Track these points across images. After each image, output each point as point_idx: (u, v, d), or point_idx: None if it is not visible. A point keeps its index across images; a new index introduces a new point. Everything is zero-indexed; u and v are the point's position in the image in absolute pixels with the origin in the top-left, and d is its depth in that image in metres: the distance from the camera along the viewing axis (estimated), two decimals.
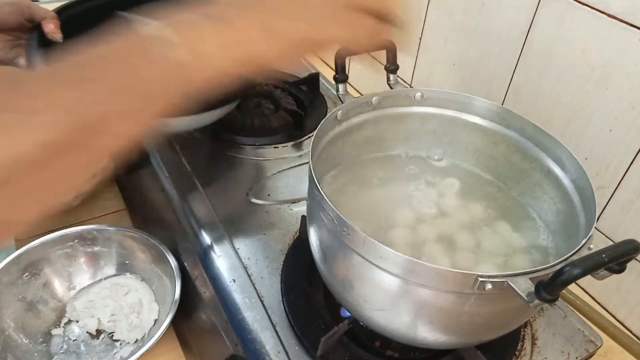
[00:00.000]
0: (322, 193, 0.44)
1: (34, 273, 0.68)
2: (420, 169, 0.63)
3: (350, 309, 0.51)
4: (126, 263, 0.72)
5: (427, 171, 0.62)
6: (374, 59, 0.49)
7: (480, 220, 0.56)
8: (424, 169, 0.63)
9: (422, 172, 0.62)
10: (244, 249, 0.63)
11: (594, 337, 0.59)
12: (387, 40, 0.45)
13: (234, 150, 0.78)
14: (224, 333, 0.57)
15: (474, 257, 0.52)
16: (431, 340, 0.47)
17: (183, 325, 0.65)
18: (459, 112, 0.60)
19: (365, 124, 0.59)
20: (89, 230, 0.70)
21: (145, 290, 0.69)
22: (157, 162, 0.75)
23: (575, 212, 0.50)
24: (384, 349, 0.55)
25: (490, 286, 0.38)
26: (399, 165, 0.63)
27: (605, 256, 0.37)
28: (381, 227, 0.54)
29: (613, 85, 0.64)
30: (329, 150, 0.56)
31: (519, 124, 0.57)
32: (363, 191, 0.59)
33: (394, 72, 0.60)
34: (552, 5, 0.69)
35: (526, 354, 0.56)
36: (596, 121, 0.68)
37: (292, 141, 0.81)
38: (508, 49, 0.77)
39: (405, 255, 0.40)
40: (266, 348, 0.53)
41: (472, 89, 0.86)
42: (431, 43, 0.93)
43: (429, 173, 0.62)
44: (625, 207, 0.68)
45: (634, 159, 0.65)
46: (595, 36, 0.65)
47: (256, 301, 0.57)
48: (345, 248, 0.44)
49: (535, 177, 0.57)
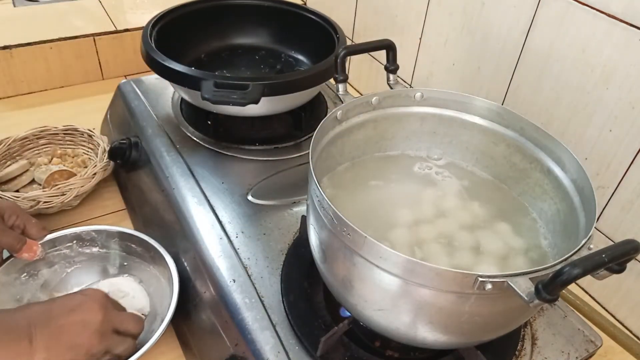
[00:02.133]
0: (322, 193, 0.44)
1: (31, 274, 0.68)
2: (420, 168, 0.63)
3: (350, 309, 0.51)
4: (124, 264, 0.72)
5: (427, 171, 0.62)
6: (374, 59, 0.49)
7: (480, 220, 0.56)
8: (424, 168, 0.63)
9: (422, 172, 0.62)
10: (244, 249, 0.63)
11: (594, 337, 0.59)
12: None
13: (234, 150, 0.78)
14: (224, 333, 0.57)
15: (474, 257, 0.52)
16: (431, 340, 0.47)
17: (183, 325, 0.65)
18: (459, 112, 0.60)
19: (365, 124, 0.59)
20: (87, 231, 0.70)
21: (141, 294, 0.69)
22: (157, 162, 0.75)
23: (575, 212, 0.50)
24: (384, 349, 0.55)
25: (490, 286, 0.39)
26: (399, 165, 0.63)
27: (605, 256, 0.37)
28: (381, 227, 0.54)
29: (613, 85, 0.64)
30: (329, 150, 0.56)
31: (519, 124, 0.57)
32: (363, 191, 0.59)
33: (394, 72, 0.60)
34: (552, 5, 0.69)
35: (526, 354, 0.56)
36: (596, 121, 0.68)
37: (292, 141, 0.81)
38: (508, 48, 0.77)
39: (405, 255, 0.40)
40: (266, 348, 0.53)
41: (472, 89, 0.86)
42: (431, 43, 0.93)
43: (429, 173, 0.62)
44: (625, 207, 0.68)
45: (634, 159, 0.65)
46: (595, 36, 0.65)
47: (256, 301, 0.57)
48: (345, 248, 0.44)
49: (535, 177, 0.57)
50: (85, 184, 0.79)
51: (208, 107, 0.75)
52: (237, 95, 0.67)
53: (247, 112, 0.75)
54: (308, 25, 0.90)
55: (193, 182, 0.71)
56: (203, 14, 0.91)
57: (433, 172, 0.62)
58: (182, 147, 0.77)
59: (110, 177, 0.87)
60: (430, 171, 0.63)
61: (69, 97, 1.11)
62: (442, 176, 0.62)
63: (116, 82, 0.93)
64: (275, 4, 0.93)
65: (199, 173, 0.73)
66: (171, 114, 0.84)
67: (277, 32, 0.96)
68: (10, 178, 0.83)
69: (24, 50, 1.05)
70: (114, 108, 0.94)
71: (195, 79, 0.70)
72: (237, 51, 0.95)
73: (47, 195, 0.75)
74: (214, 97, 0.67)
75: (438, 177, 0.62)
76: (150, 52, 0.75)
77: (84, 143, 0.90)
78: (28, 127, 0.88)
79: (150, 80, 0.91)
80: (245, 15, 0.94)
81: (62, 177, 0.82)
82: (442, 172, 0.62)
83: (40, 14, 1.19)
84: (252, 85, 0.68)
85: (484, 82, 0.84)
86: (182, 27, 0.87)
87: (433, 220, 0.56)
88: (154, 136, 0.79)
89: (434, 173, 0.62)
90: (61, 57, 1.10)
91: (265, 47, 0.96)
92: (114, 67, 1.17)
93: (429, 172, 0.62)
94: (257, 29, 0.96)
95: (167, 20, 0.85)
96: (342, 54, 0.56)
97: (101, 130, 0.97)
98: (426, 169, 0.63)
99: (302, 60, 0.94)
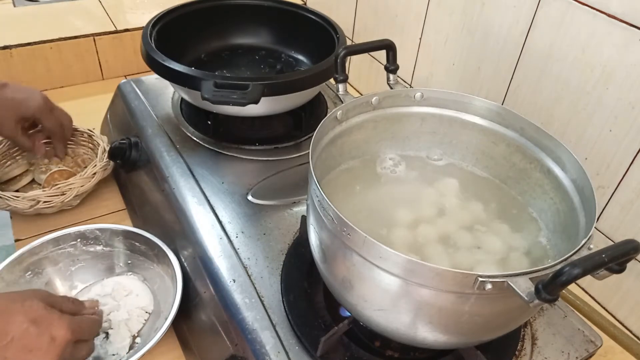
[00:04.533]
0: (322, 193, 0.44)
1: (36, 272, 0.68)
2: (420, 168, 0.63)
3: (350, 309, 0.51)
4: (128, 263, 0.72)
5: (427, 171, 0.62)
6: (374, 59, 0.49)
7: (480, 220, 0.56)
8: (423, 168, 0.63)
9: (422, 172, 0.62)
10: (244, 249, 0.63)
11: (594, 337, 0.59)
12: None
13: (234, 150, 0.78)
14: (224, 333, 0.57)
15: (474, 257, 0.52)
16: (431, 340, 0.47)
17: (183, 325, 0.65)
18: (459, 112, 0.60)
19: (365, 124, 0.59)
20: (91, 229, 0.71)
21: (145, 292, 0.69)
22: (157, 162, 0.75)
23: (575, 212, 0.50)
24: (384, 349, 0.55)
25: (490, 286, 0.39)
26: (398, 165, 0.63)
27: (605, 256, 0.37)
28: (381, 227, 0.54)
29: (613, 85, 0.64)
30: (329, 150, 0.56)
31: (518, 124, 0.57)
32: (363, 191, 0.59)
33: (394, 72, 0.60)
34: (552, 5, 0.69)
35: (526, 354, 0.56)
36: (596, 121, 0.68)
37: (292, 141, 0.81)
38: (508, 48, 0.77)
39: (405, 255, 0.40)
40: (266, 348, 0.53)
41: (472, 89, 0.86)
42: (431, 43, 0.93)
43: (429, 173, 0.62)
44: (625, 207, 0.68)
45: (634, 159, 0.65)
46: (595, 36, 0.65)
47: (256, 301, 0.57)
48: (345, 248, 0.44)
49: (535, 177, 0.57)
50: (85, 184, 0.79)
51: (208, 107, 0.75)
52: (237, 95, 0.67)
53: (247, 112, 0.75)
54: (308, 25, 0.90)
55: (193, 182, 0.71)
56: (203, 14, 0.91)
57: (433, 172, 0.62)
58: (182, 147, 0.77)
59: (110, 177, 0.87)
60: (430, 171, 0.63)
61: (69, 97, 1.11)
62: (442, 176, 0.62)
63: (116, 82, 0.93)
64: (275, 4, 0.93)
65: (199, 173, 0.73)
66: (171, 114, 0.84)
67: (277, 32, 0.96)
68: (10, 178, 0.83)
69: (24, 50, 1.05)
70: (114, 108, 0.94)
71: (195, 79, 0.70)
72: (237, 51, 0.95)
73: (47, 195, 0.75)
74: (214, 97, 0.67)
75: (438, 177, 0.62)
76: (150, 52, 0.75)
77: (84, 143, 0.90)
78: None
79: (150, 80, 0.91)
80: (245, 15, 0.94)
81: (62, 177, 0.82)
82: (442, 172, 0.62)
83: (40, 14, 1.19)
84: (252, 85, 0.68)
85: (483, 82, 0.84)
86: (182, 27, 0.87)
87: (433, 220, 0.56)
88: (154, 136, 0.79)
89: (434, 173, 0.62)
90: (61, 57, 1.10)
91: (265, 47, 0.96)
92: (114, 67, 1.17)
93: (429, 172, 0.62)
94: (257, 29, 0.96)
95: (167, 20, 0.85)
96: (342, 54, 0.56)
97: (101, 130, 0.97)
98: (426, 169, 0.63)
99: (302, 60, 0.94)
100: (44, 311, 0.51)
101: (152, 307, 0.68)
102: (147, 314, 0.67)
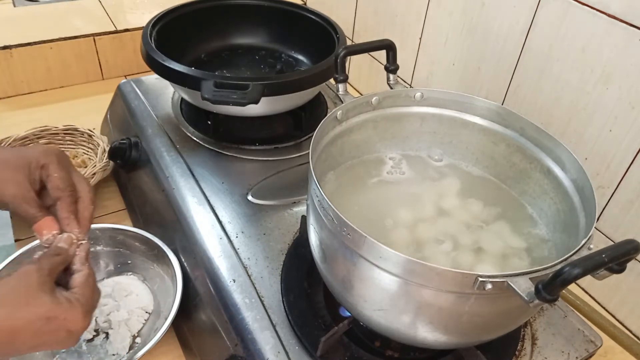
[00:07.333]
0: (322, 193, 0.44)
1: None
2: (420, 168, 0.63)
3: (350, 309, 0.51)
4: (128, 263, 0.72)
5: (427, 171, 0.62)
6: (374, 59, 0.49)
7: (480, 220, 0.56)
8: (424, 168, 0.63)
9: (422, 172, 0.62)
10: (244, 249, 0.63)
11: (594, 337, 0.59)
12: None
13: (234, 150, 0.78)
14: (224, 333, 0.57)
15: (474, 257, 0.52)
16: (431, 340, 0.47)
17: (183, 325, 0.65)
18: (459, 112, 0.60)
19: (365, 124, 0.59)
20: (91, 229, 0.70)
21: (145, 292, 0.69)
22: (157, 162, 0.75)
23: (575, 212, 0.50)
24: (384, 349, 0.55)
25: (490, 286, 0.39)
26: (399, 165, 0.63)
27: (605, 256, 0.37)
28: (381, 227, 0.54)
29: (613, 85, 0.64)
30: (329, 150, 0.56)
31: (519, 124, 0.57)
32: (363, 191, 0.59)
33: (394, 72, 0.60)
34: (552, 5, 0.69)
35: (526, 354, 0.56)
36: (596, 121, 0.68)
37: (292, 141, 0.81)
38: (508, 48, 0.77)
39: (405, 255, 0.40)
40: (266, 348, 0.53)
41: (472, 89, 0.86)
42: (431, 43, 0.93)
43: (429, 173, 0.62)
44: (625, 207, 0.68)
45: (634, 159, 0.65)
46: (595, 36, 0.65)
47: (256, 301, 0.57)
48: (345, 248, 0.44)
49: (535, 177, 0.57)
50: None
51: (208, 107, 0.75)
52: (237, 95, 0.67)
53: (247, 112, 0.75)
54: (308, 25, 0.90)
55: (193, 182, 0.71)
56: (203, 14, 0.91)
57: (433, 172, 0.62)
58: (182, 147, 0.77)
59: (110, 177, 0.87)
60: (430, 171, 0.63)
61: (69, 97, 1.11)
62: (442, 176, 0.62)
63: (116, 82, 0.93)
64: (275, 4, 0.93)
65: (199, 173, 0.73)
66: (171, 114, 0.84)
67: (277, 32, 0.96)
68: None
69: (24, 50, 1.05)
70: (114, 108, 0.94)
71: (195, 79, 0.70)
72: (237, 51, 0.95)
73: None
74: (214, 97, 0.67)
75: (438, 177, 0.62)
76: (150, 52, 0.75)
77: (84, 143, 0.90)
78: (28, 127, 0.88)
79: (150, 80, 0.91)
80: (245, 15, 0.94)
81: None
82: (442, 172, 0.62)
83: (40, 14, 1.19)
84: (252, 85, 0.68)
85: (484, 82, 0.84)
86: (182, 27, 0.87)
87: (433, 220, 0.56)
88: (154, 136, 0.79)
89: (434, 173, 0.62)
90: (61, 57, 1.10)
91: (265, 47, 0.96)
92: (114, 67, 1.17)
93: (429, 172, 0.62)
94: (257, 29, 0.96)
95: (167, 20, 0.85)
96: (342, 54, 0.56)
97: (101, 130, 0.97)
98: (426, 169, 0.63)
99: (302, 60, 0.94)
100: (52, 304, 0.47)
101: (152, 307, 0.68)
102: (147, 314, 0.67)
